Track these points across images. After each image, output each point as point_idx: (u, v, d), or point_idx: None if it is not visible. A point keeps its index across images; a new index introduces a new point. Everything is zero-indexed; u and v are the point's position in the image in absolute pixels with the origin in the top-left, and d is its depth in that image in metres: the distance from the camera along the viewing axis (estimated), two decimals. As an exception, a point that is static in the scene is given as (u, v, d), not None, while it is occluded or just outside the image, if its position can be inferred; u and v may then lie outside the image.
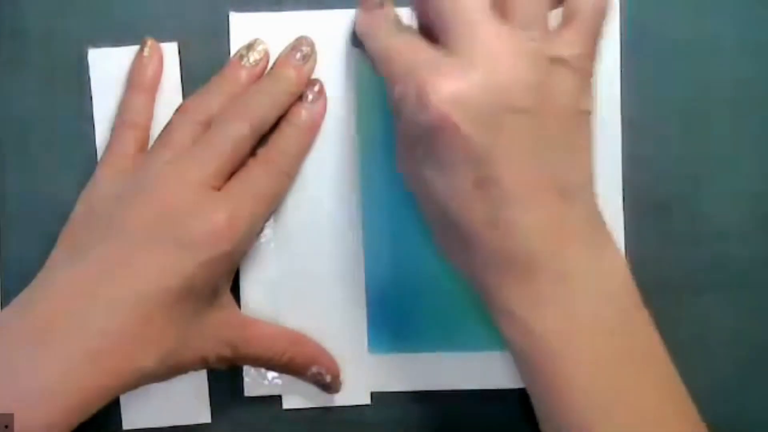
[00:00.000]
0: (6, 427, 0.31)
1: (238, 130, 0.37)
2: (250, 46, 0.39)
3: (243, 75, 0.39)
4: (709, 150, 0.41)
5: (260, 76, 0.39)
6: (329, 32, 0.40)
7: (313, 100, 0.39)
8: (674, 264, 0.41)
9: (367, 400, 0.41)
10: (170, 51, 0.40)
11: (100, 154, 0.40)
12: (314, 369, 0.39)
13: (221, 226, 0.35)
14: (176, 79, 0.40)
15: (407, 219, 0.40)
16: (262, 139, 0.38)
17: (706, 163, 0.41)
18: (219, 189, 0.36)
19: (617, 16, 0.40)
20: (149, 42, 0.40)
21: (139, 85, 0.40)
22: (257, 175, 0.37)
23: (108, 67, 0.40)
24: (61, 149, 0.41)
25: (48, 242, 0.37)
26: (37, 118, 0.41)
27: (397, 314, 0.41)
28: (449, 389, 0.41)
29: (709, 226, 0.41)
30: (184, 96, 0.40)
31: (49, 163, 0.41)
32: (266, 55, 0.39)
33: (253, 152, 0.38)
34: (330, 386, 0.40)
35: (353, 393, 0.41)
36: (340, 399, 0.41)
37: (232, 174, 0.37)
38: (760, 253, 0.41)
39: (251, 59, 0.39)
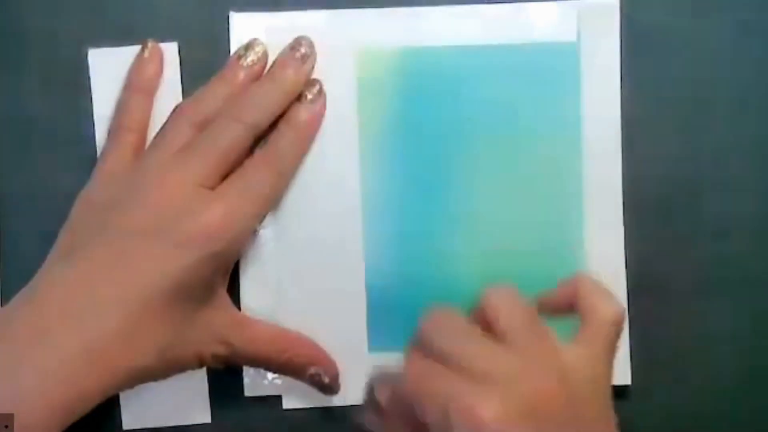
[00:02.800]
0: (6, 427, 0.31)
1: (233, 131, 0.37)
2: (248, 46, 0.39)
3: (241, 75, 0.39)
4: (709, 150, 0.41)
5: (259, 76, 0.39)
6: (329, 32, 0.40)
7: (312, 101, 0.39)
8: (674, 264, 0.41)
9: (367, 400, 0.41)
10: (170, 51, 0.40)
11: (100, 154, 0.40)
12: (312, 370, 0.39)
13: (215, 226, 0.35)
14: (176, 79, 0.40)
15: (408, 218, 0.40)
16: (262, 138, 0.38)
17: (706, 163, 0.41)
18: (214, 189, 0.36)
19: (617, 16, 0.40)
20: (150, 44, 0.40)
21: (137, 86, 0.40)
22: (252, 175, 0.37)
23: (108, 67, 0.40)
24: (61, 149, 0.41)
25: (48, 242, 0.37)
26: (37, 118, 0.41)
27: (397, 314, 0.40)
28: (449, 389, 0.41)
29: (709, 226, 0.41)
30: (184, 96, 0.40)
31: (49, 163, 0.41)
32: (265, 55, 0.39)
33: (251, 152, 0.38)
34: (329, 387, 0.40)
35: (353, 393, 0.41)
36: (340, 399, 0.41)
37: (228, 174, 0.37)
38: (761, 253, 0.41)
39: (249, 59, 0.39)
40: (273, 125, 0.39)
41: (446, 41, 0.40)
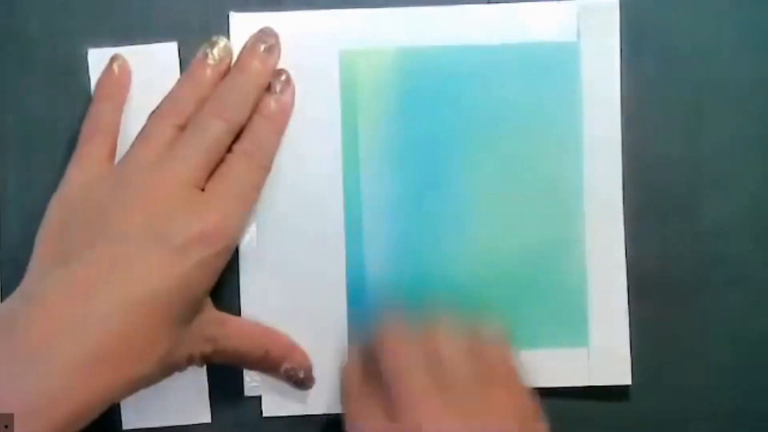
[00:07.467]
0: (6, 427, 0.31)
1: (217, 128, 0.37)
2: (212, 44, 0.39)
3: (209, 73, 0.39)
4: (709, 150, 0.41)
5: (226, 72, 0.39)
6: (328, 32, 0.40)
7: (281, 90, 0.39)
8: (674, 264, 0.41)
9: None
10: (170, 51, 0.40)
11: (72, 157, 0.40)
12: (287, 365, 0.39)
13: (213, 227, 0.36)
14: (176, 79, 0.40)
15: (406, 219, 0.40)
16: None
17: (706, 163, 0.41)
18: (203, 188, 0.37)
19: (617, 16, 0.40)
20: (120, 60, 0.40)
21: (106, 96, 0.40)
22: (239, 172, 0.37)
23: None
24: (61, 149, 0.41)
25: (48, 242, 0.37)
26: (37, 118, 0.41)
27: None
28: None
29: (709, 226, 0.41)
30: (184, 96, 0.40)
31: (49, 163, 0.41)
32: (229, 50, 0.39)
33: (228, 148, 0.38)
34: (303, 383, 0.40)
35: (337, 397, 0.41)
36: (322, 405, 0.41)
37: (212, 172, 0.37)
38: (760, 252, 0.41)
39: (216, 56, 0.39)
40: None
41: (445, 41, 0.40)
